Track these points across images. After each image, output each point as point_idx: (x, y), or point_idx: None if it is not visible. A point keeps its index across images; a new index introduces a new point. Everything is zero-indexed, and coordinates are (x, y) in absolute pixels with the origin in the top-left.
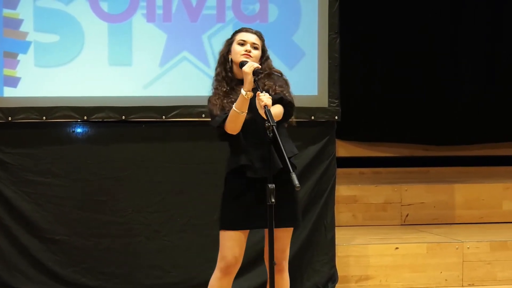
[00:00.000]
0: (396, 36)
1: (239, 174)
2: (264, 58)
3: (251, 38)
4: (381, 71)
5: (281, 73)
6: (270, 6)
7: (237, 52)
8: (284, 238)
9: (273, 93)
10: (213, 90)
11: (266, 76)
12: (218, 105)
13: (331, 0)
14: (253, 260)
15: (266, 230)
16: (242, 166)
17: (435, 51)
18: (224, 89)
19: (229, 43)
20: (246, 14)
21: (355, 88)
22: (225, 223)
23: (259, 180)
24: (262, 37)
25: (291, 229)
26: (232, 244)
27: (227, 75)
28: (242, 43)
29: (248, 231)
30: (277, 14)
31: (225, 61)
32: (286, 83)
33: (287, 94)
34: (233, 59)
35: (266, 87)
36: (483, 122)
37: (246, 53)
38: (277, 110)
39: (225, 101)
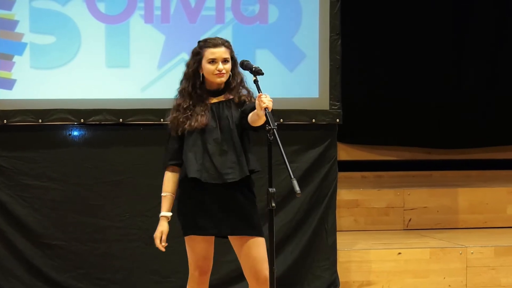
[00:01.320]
0: (399, 38)
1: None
2: (233, 65)
3: (221, 53)
4: (383, 73)
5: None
6: (270, 7)
7: (209, 71)
8: (260, 246)
9: (248, 102)
10: (174, 105)
11: (238, 83)
12: (174, 125)
13: (332, 1)
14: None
15: (235, 239)
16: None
17: (438, 53)
18: (186, 105)
19: (197, 59)
20: (245, 15)
21: (356, 91)
22: (187, 229)
23: (221, 186)
24: (229, 46)
25: (256, 238)
26: (196, 251)
27: (194, 91)
28: (213, 61)
29: (213, 237)
30: (278, 15)
31: (194, 77)
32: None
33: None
34: (207, 77)
35: (240, 98)
36: (487, 125)
37: (218, 73)
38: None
39: (181, 119)
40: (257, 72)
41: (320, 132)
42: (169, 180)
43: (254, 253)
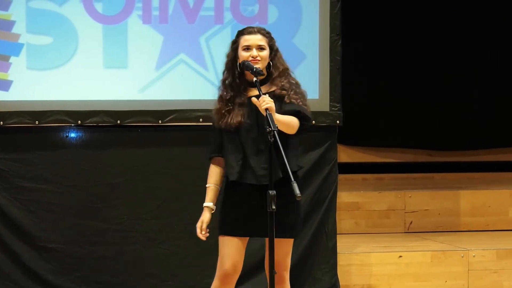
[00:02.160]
0: (400, 39)
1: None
2: (273, 54)
3: (255, 40)
4: (383, 74)
5: (299, 84)
6: (269, 7)
7: (244, 58)
8: (284, 248)
9: (287, 101)
10: (218, 96)
11: (280, 74)
12: (217, 117)
13: (332, 1)
14: (253, 268)
15: (267, 239)
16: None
17: (439, 53)
18: (228, 97)
19: (234, 47)
20: (245, 16)
21: (357, 92)
22: (224, 228)
23: (261, 187)
24: (266, 34)
25: (292, 240)
26: (230, 251)
27: (234, 81)
28: (247, 48)
29: (247, 239)
30: (277, 16)
31: (233, 66)
32: (303, 94)
33: (304, 107)
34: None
35: (281, 91)
36: (489, 127)
37: (253, 59)
38: (292, 122)
39: (223, 111)
40: (257, 73)
41: (320, 133)
42: (213, 172)
43: (277, 253)
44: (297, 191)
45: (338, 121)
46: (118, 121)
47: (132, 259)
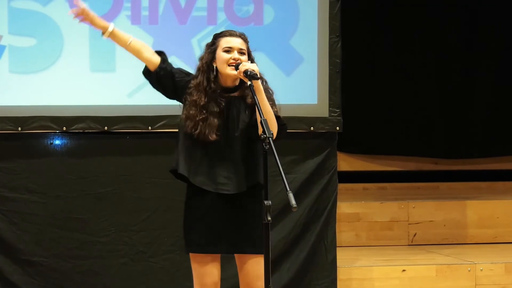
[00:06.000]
0: (403, 42)
1: (200, 189)
2: (249, 61)
3: (237, 43)
4: (385, 78)
5: (266, 81)
6: (265, 7)
7: (224, 60)
8: (256, 267)
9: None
10: (190, 100)
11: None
12: (189, 123)
13: (331, 1)
14: None
15: (237, 256)
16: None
17: (445, 60)
18: (203, 102)
19: (212, 49)
20: (239, 16)
21: (358, 97)
22: (192, 246)
23: (224, 197)
24: (247, 39)
25: (262, 258)
26: (207, 270)
27: (209, 86)
28: (228, 50)
29: (219, 255)
30: (273, 16)
31: (208, 70)
32: (271, 94)
33: (276, 110)
34: (219, 68)
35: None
36: (497, 134)
37: (234, 61)
38: (274, 119)
39: (197, 118)
40: (252, 76)
41: (319, 140)
42: (143, 45)
43: (253, 270)
44: (293, 202)
45: (338, 128)
46: (106, 128)
47: (120, 274)
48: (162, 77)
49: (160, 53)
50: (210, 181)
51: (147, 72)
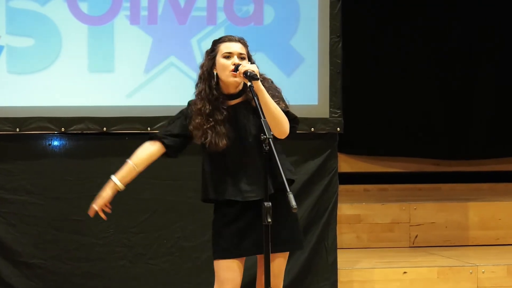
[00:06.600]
0: (404, 43)
1: (227, 200)
2: None
3: (237, 48)
4: (386, 79)
5: (271, 80)
6: (265, 7)
7: (224, 67)
8: (279, 263)
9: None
10: (195, 109)
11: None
12: (197, 133)
13: (332, 1)
14: (245, 287)
15: (260, 256)
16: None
17: (446, 60)
18: (208, 110)
19: (212, 56)
20: (239, 16)
21: (358, 97)
22: (218, 252)
23: (251, 204)
24: (246, 43)
25: (287, 253)
26: (230, 275)
27: (211, 93)
28: (228, 56)
29: (244, 258)
30: (274, 16)
31: (209, 77)
32: (278, 91)
33: (285, 106)
34: (220, 75)
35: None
36: (499, 135)
37: (234, 67)
38: (282, 115)
39: (205, 127)
40: (251, 77)
41: (319, 142)
42: (143, 152)
43: (272, 268)
44: (293, 203)
45: (338, 129)
46: (104, 129)
47: (119, 276)
48: (178, 143)
49: (154, 137)
50: (236, 192)
51: (169, 155)
